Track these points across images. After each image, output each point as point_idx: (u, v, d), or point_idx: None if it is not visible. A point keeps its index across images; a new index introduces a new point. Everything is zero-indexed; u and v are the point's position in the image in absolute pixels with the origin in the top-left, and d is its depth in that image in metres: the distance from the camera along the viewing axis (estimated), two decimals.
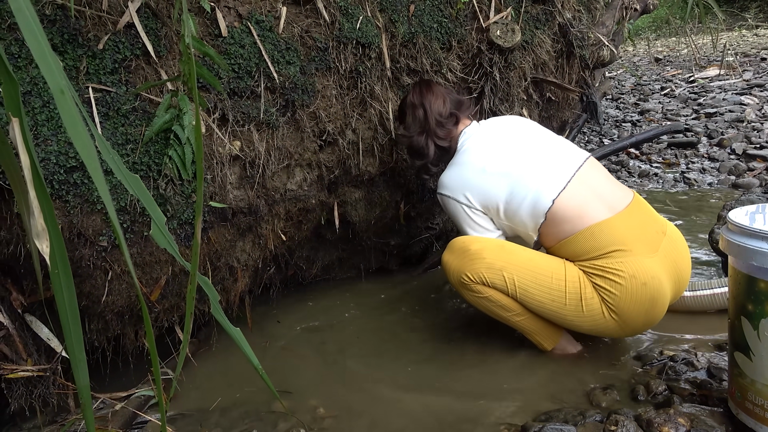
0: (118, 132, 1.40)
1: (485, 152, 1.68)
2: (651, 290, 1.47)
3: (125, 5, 1.46)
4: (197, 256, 0.71)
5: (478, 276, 1.55)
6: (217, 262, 1.69)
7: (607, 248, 1.49)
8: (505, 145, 1.68)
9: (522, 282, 1.54)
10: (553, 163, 1.61)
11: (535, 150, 1.66)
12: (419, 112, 1.78)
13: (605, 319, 1.51)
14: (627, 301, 1.47)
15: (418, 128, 1.79)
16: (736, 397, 1.24)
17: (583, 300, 1.51)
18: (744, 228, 1.16)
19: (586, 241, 1.51)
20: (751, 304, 1.16)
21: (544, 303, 1.54)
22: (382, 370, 1.71)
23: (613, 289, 1.47)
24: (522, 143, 1.68)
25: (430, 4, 2.04)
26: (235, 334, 0.87)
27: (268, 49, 1.68)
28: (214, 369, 1.80)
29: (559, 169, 1.59)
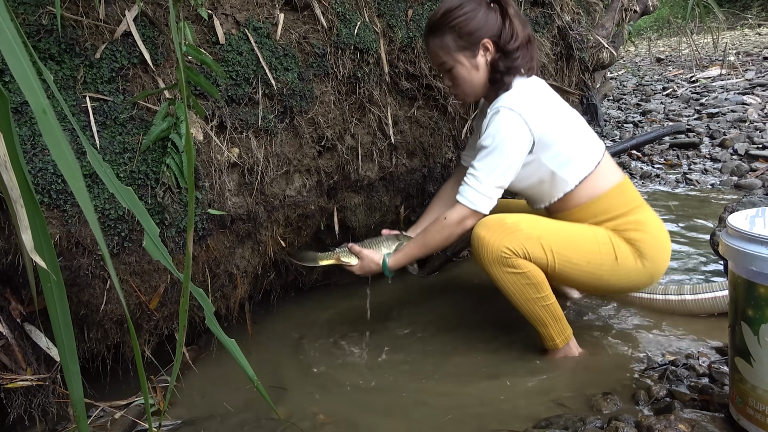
0: (115, 141, 1.40)
1: (551, 95, 1.66)
2: (666, 233, 1.67)
3: (122, 14, 1.47)
4: (189, 269, 0.71)
5: (520, 247, 1.53)
6: (216, 269, 1.69)
7: (634, 203, 1.64)
8: (560, 100, 1.69)
9: (559, 248, 1.56)
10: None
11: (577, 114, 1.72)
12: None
13: (639, 270, 1.61)
14: (656, 247, 1.62)
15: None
16: (737, 403, 1.24)
17: (618, 257, 1.59)
18: (743, 233, 1.15)
19: (616, 198, 1.63)
20: (751, 309, 1.15)
21: (581, 266, 1.57)
22: (382, 376, 1.71)
23: (646, 237, 1.60)
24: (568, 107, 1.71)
25: (428, 8, 2.04)
26: (230, 345, 0.87)
27: (266, 56, 1.68)
28: (214, 375, 1.79)
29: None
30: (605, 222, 1.62)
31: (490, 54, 1.61)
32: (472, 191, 1.57)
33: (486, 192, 1.56)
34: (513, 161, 1.54)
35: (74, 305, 1.45)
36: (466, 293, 2.23)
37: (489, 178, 1.55)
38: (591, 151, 1.64)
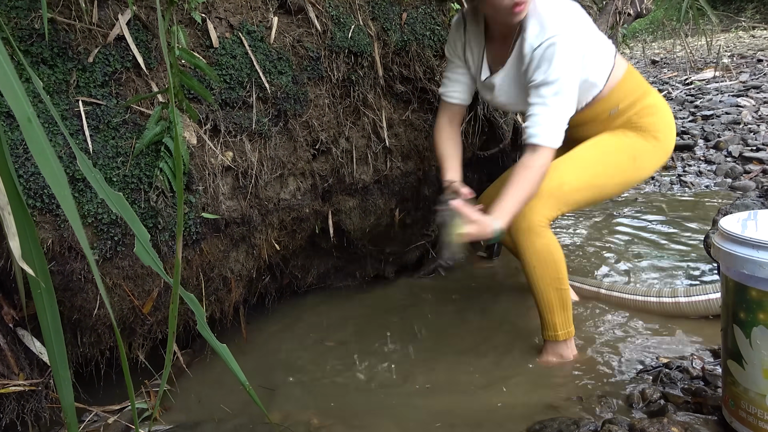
0: (108, 145, 1.40)
1: (582, 15, 1.61)
2: (669, 110, 1.78)
3: (115, 18, 1.47)
4: (179, 276, 0.71)
5: (555, 210, 1.61)
6: (211, 273, 1.69)
7: (642, 86, 1.74)
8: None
9: (586, 182, 1.65)
10: None
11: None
12: None
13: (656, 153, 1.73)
14: (667, 125, 1.75)
15: None
16: (730, 406, 1.24)
17: (635, 155, 1.70)
18: (734, 235, 1.15)
19: (629, 83, 1.70)
20: (743, 312, 1.16)
21: (607, 185, 1.70)
22: (377, 379, 1.71)
23: (657, 120, 1.72)
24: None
25: (422, 11, 2.04)
26: (222, 351, 0.86)
27: (260, 60, 1.68)
28: (209, 379, 1.79)
29: None
30: (624, 112, 1.70)
31: None
32: (552, 131, 1.49)
33: (563, 128, 1.51)
34: (576, 88, 1.54)
35: (67, 310, 1.45)
36: (461, 296, 2.23)
37: (565, 114, 1.51)
38: (609, 47, 1.68)
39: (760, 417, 1.16)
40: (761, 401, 1.15)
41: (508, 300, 2.14)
